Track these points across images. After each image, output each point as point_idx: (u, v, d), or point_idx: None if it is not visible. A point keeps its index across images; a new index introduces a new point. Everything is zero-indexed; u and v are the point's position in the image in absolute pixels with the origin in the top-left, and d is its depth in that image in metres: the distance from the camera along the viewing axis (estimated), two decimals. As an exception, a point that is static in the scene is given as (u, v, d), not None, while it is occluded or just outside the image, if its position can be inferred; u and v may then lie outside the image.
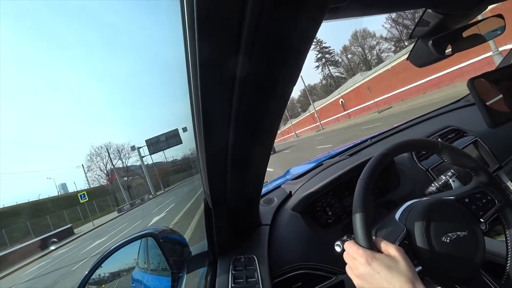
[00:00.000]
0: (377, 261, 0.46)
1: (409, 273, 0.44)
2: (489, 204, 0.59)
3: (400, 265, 0.45)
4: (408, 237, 0.54)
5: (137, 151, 36.46)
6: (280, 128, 8.20)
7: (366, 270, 0.46)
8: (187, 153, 56.82)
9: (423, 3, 0.60)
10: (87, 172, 39.32)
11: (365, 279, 0.47)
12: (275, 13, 0.26)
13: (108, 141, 57.47)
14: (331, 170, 1.01)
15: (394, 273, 0.44)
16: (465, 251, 0.52)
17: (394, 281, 0.43)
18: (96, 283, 0.64)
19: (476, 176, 0.63)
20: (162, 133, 35.78)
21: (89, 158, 39.79)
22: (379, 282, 0.45)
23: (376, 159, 0.58)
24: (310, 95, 48.36)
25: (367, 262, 0.47)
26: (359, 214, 0.52)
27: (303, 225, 0.85)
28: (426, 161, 0.99)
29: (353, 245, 0.51)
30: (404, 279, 0.43)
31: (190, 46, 0.28)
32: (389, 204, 0.90)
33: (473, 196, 0.60)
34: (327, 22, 0.45)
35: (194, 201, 12.61)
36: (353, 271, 0.49)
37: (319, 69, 53.80)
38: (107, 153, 39.23)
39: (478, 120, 1.17)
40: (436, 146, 0.62)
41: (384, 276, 0.44)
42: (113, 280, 0.68)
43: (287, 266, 0.74)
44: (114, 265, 0.68)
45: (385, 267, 0.45)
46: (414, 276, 0.44)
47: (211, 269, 0.77)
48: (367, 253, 0.48)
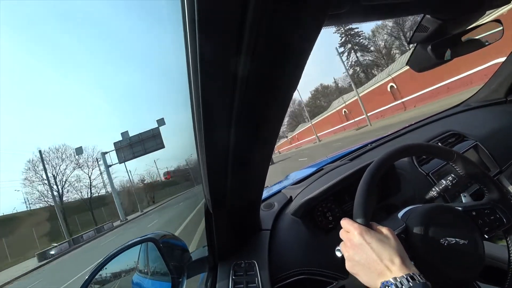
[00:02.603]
0: (370, 233, 0.49)
1: (399, 248, 0.47)
2: (497, 222, 0.57)
3: (391, 241, 0.48)
4: (406, 231, 0.54)
5: (102, 158, 26.99)
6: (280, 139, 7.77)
7: (358, 241, 0.49)
8: (181, 162, 51.19)
9: (422, 9, 0.60)
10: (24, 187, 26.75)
11: (356, 249, 0.49)
12: (277, 16, 0.27)
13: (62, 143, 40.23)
14: (332, 175, 1.01)
15: (385, 245, 0.47)
16: (462, 259, 0.51)
17: (384, 253, 0.45)
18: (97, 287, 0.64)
19: (488, 193, 0.61)
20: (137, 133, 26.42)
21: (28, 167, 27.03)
22: (369, 252, 0.47)
23: (389, 152, 0.59)
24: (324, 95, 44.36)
25: (360, 234, 0.49)
26: (361, 195, 0.54)
27: (303, 230, 0.84)
28: (426, 166, 0.99)
29: (349, 220, 0.54)
30: (394, 252, 0.46)
31: (191, 47, 0.28)
32: (390, 208, 0.89)
33: (481, 211, 0.58)
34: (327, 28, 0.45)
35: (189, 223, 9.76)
36: (346, 244, 0.52)
37: (344, 56, 41.99)
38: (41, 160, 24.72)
39: (479, 124, 1.17)
40: (451, 155, 0.62)
41: (376, 247, 0.47)
42: (113, 285, 0.68)
43: (288, 271, 0.73)
44: (114, 269, 0.68)
45: (377, 240, 0.48)
46: (403, 251, 0.47)
47: (211, 274, 0.76)
48: (362, 227, 0.51)
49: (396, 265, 0.44)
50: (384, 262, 0.44)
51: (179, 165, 55.16)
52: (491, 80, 1.31)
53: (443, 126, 1.17)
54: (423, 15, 0.64)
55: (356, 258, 0.48)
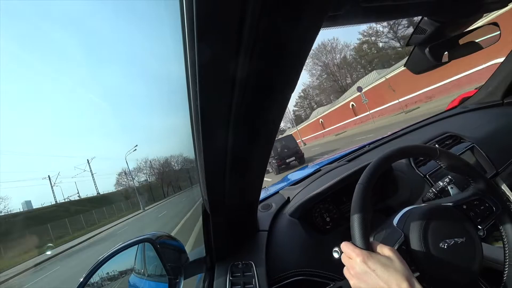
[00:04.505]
0: (373, 259, 0.47)
1: (405, 271, 0.44)
2: (487, 211, 0.59)
3: (396, 264, 0.45)
4: (406, 242, 0.53)
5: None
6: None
7: (362, 268, 0.47)
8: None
9: (420, 11, 0.61)
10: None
11: (361, 277, 0.47)
12: (275, 18, 0.27)
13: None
14: (329, 176, 1.01)
15: (390, 270, 0.44)
16: (463, 258, 0.51)
17: (391, 279, 0.43)
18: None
19: (473, 183, 0.63)
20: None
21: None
22: (375, 280, 0.45)
23: (374, 164, 0.59)
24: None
25: (363, 261, 0.47)
26: (357, 216, 0.53)
27: (301, 231, 0.84)
28: (423, 167, 0.99)
29: (350, 245, 0.51)
30: (400, 276, 0.43)
31: (190, 49, 0.28)
32: (387, 210, 0.90)
33: (471, 203, 0.60)
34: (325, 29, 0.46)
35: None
36: (349, 271, 0.50)
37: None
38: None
39: (475, 126, 1.18)
40: (434, 152, 0.63)
41: (380, 274, 0.44)
42: (109, 286, 0.67)
43: (285, 272, 0.73)
44: (111, 270, 0.67)
45: (381, 265, 0.45)
46: (410, 274, 0.45)
47: (208, 275, 0.76)
48: (363, 252, 0.48)
49: None
50: None
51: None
52: (488, 83, 1.32)
53: (440, 128, 1.18)
54: (421, 17, 0.65)
55: (362, 287, 0.47)
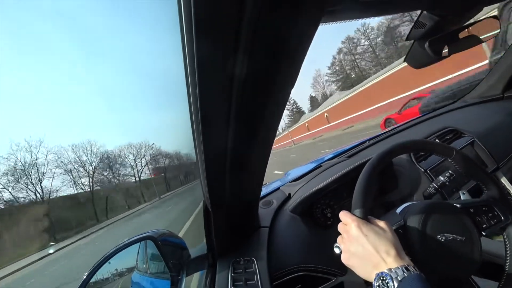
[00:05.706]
0: (367, 226, 0.50)
1: (395, 241, 0.47)
2: (494, 219, 0.58)
3: (388, 234, 0.48)
4: (404, 227, 0.55)
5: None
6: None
7: (355, 233, 0.50)
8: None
9: (419, 5, 0.60)
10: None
11: (353, 241, 0.50)
12: (273, 14, 0.27)
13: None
14: (330, 171, 1.01)
15: (381, 238, 0.47)
16: (459, 255, 0.52)
17: (381, 245, 0.46)
18: (95, 286, 0.64)
19: (486, 190, 0.62)
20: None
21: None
22: (366, 244, 0.47)
23: (390, 148, 0.59)
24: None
25: (358, 226, 0.50)
26: (361, 185, 0.55)
27: (302, 227, 0.84)
28: (424, 162, 0.99)
29: (347, 213, 0.55)
30: (390, 244, 0.46)
31: (188, 47, 0.28)
32: (388, 205, 0.90)
33: (479, 208, 0.59)
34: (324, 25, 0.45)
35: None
36: (343, 236, 0.53)
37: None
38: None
39: (476, 120, 1.18)
40: (450, 152, 0.62)
41: (372, 239, 0.47)
42: (112, 283, 0.68)
43: (287, 268, 0.73)
44: (113, 268, 0.68)
45: (374, 232, 0.48)
46: (399, 245, 0.48)
47: (210, 271, 0.76)
48: (359, 220, 0.51)
49: (391, 257, 0.44)
50: (380, 254, 0.45)
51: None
52: (488, 76, 1.31)
53: (440, 123, 1.17)
54: (420, 11, 0.64)
55: (353, 250, 0.49)
